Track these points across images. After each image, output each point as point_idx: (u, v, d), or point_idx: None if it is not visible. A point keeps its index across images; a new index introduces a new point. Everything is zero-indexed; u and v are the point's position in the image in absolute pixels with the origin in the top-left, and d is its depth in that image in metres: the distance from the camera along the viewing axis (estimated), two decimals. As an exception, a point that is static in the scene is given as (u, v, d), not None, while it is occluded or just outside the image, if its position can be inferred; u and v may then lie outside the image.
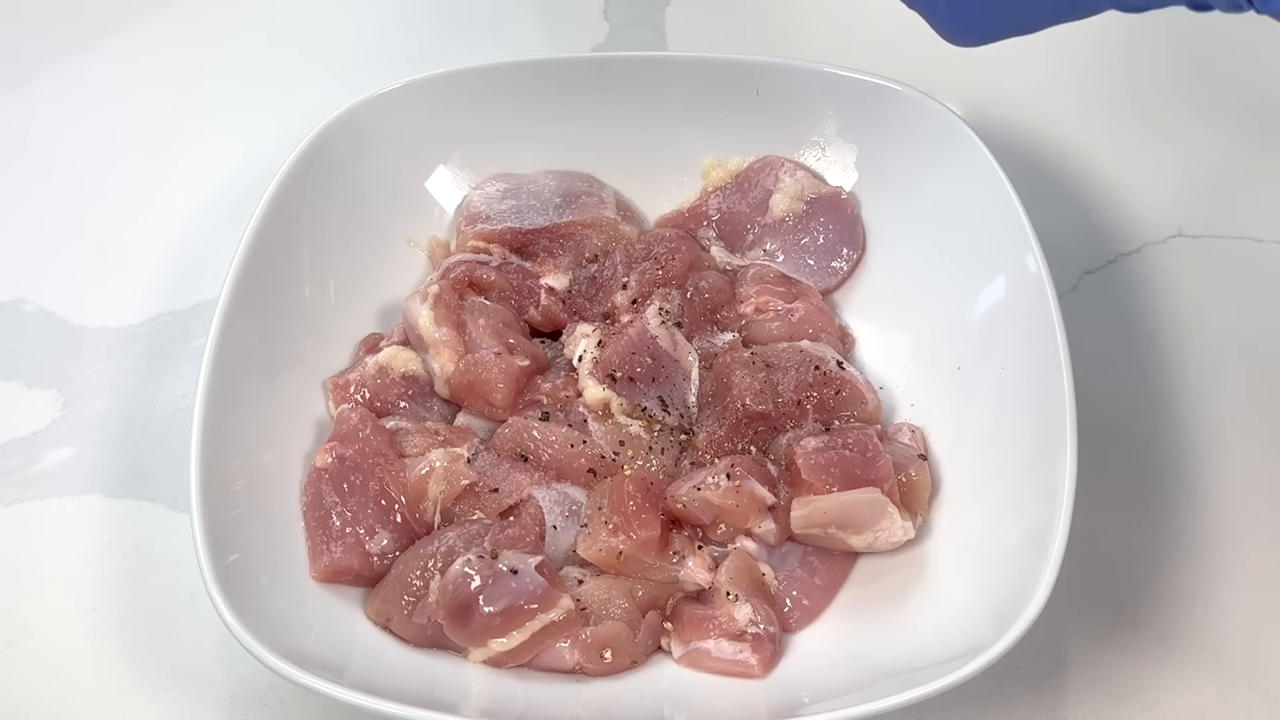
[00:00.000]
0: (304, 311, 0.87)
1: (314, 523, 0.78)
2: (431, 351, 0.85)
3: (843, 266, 0.93)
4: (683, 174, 0.98)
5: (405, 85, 0.93)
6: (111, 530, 0.86)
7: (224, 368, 0.78)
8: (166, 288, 1.00)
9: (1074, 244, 1.00)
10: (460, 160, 0.97)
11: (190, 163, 1.09)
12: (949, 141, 0.88)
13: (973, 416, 0.82)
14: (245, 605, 0.69)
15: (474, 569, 0.73)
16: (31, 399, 0.93)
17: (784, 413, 0.82)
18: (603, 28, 1.19)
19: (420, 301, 0.85)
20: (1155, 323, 0.96)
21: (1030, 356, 0.78)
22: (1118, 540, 0.84)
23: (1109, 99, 1.12)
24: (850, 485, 0.76)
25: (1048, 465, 0.72)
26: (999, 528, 0.75)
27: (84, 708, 0.78)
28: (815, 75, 0.93)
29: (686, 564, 0.77)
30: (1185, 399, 0.91)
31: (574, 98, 0.96)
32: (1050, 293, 0.78)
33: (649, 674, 0.74)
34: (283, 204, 0.86)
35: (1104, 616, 0.80)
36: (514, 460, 0.81)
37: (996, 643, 0.65)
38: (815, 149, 0.96)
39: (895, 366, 0.88)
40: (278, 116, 1.11)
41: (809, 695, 0.71)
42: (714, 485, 0.77)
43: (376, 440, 0.80)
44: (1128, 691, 0.77)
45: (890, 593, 0.77)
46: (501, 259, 0.91)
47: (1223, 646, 0.79)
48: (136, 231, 1.04)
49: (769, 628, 0.74)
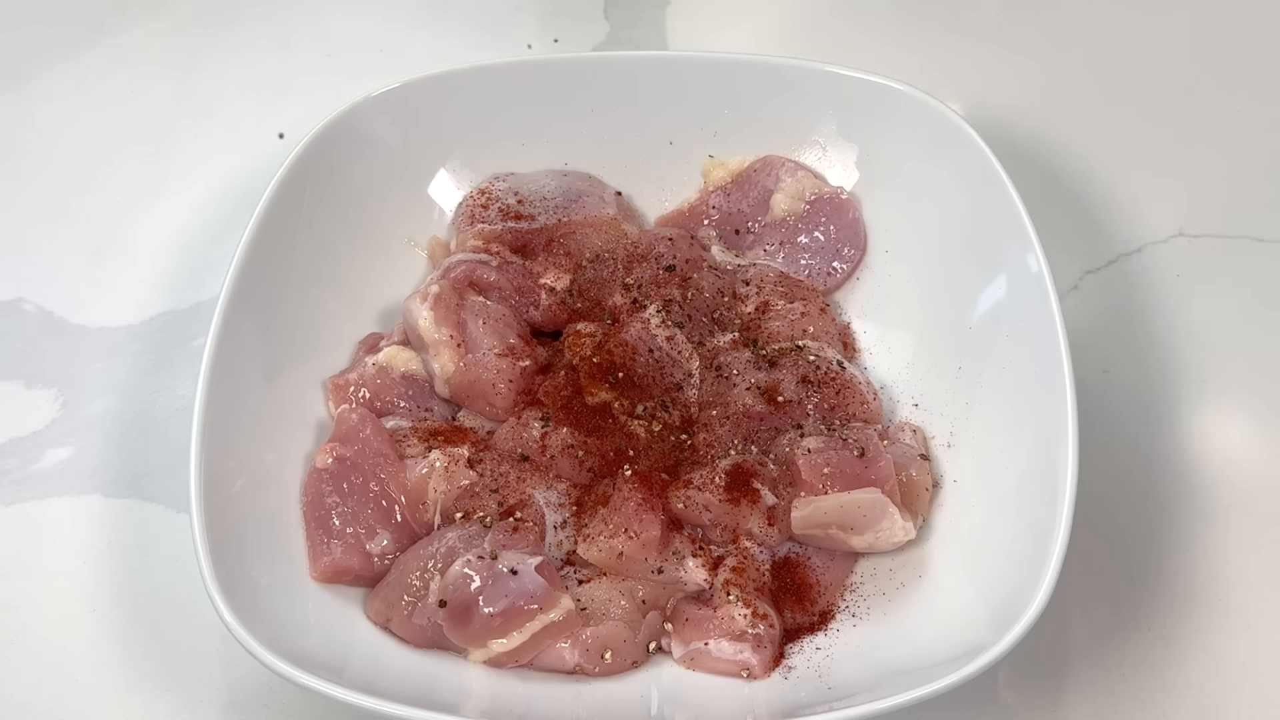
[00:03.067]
0: (304, 311, 0.87)
1: (314, 523, 0.78)
2: (431, 351, 0.85)
3: (843, 266, 0.93)
4: (683, 174, 0.98)
5: (405, 85, 0.93)
6: (111, 530, 0.86)
7: (224, 368, 0.78)
8: (166, 288, 1.00)
9: (1074, 244, 1.00)
10: (460, 160, 0.97)
11: (190, 163, 1.09)
12: (949, 141, 0.88)
13: (973, 416, 0.82)
14: (245, 605, 0.69)
15: (474, 569, 0.73)
16: (31, 399, 0.93)
17: (784, 413, 0.82)
18: (603, 27, 1.19)
19: (420, 301, 0.85)
20: (1155, 323, 0.96)
21: (1031, 356, 0.78)
22: (1118, 540, 0.84)
23: (1109, 99, 1.12)
24: (851, 485, 0.76)
25: (1048, 465, 0.72)
26: (999, 528, 0.75)
27: (84, 708, 0.78)
28: (815, 75, 0.93)
29: (686, 564, 0.77)
30: (1185, 399, 0.91)
31: (574, 98, 0.96)
32: (1051, 293, 0.78)
33: (649, 674, 0.74)
34: (282, 204, 0.86)
35: (1104, 617, 0.80)
36: (514, 460, 0.81)
37: (997, 643, 0.65)
38: (815, 149, 0.96)
39: (896, 366, 0.88)
40: (278, 116, 1.11)
41: (809, 695, 0.71)
42: (714, 486, 0.77)
43: (376, 440, 0.80)
44: (1128, 691, 0.77)
45: (890, 593, 0.77)
46: (501, 259, 0.91)
47: (1223, 647, 0.79)
48: (136, 231, 1.04)
49: (769, 628, 0.74)
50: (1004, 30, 1.18)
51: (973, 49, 1.17)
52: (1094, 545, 0.82)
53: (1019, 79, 1.13)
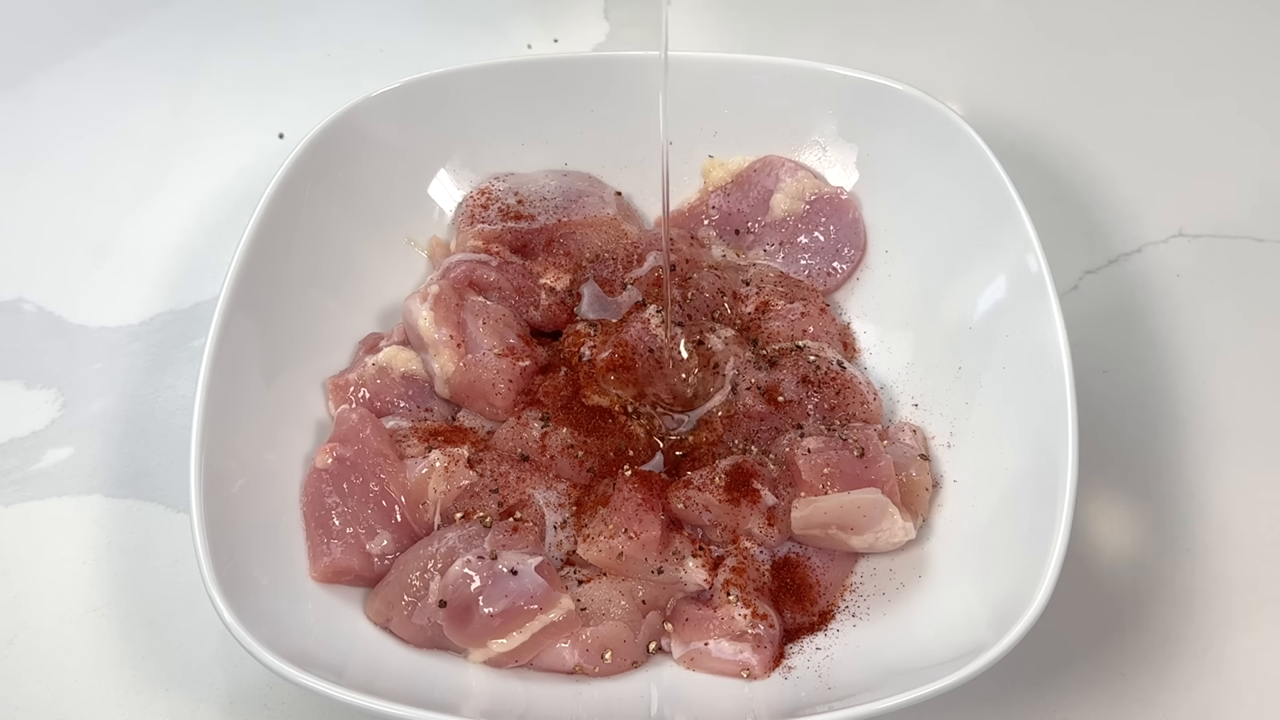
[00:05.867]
0: (304, 311, 0.87)
1: (314, 523, 0.78)
2: (431, 351, 0.85)
3: (843, 266, 0.93)
4: (683, 174, 0.98)
5: (405, 85, 0.93)
6: (111, 530, 0.86)
7: (224, 368, 0.78)
8: (166, 288, 1.00)
9: (1074, 244, 1.00)
10: (460, 160, 0.97)
11: (190, 163, 1.09)
12: (949, 141, 0.88)
13: (973, 416, 0.82)
14: (245, 605, 0.69)
15: (474, 569, 0.73)
16: (31, 399, 0.93)
17: (784, 413, 0.82)
18: (603, 27, 1.19)
19: (420, 301, 0.85)
20: (1155, 323, 0.96)
21: (1031, 356, 0.78)
22: (1118, 540, 0.84)
23: (1109, 99, 1.12)
24: (851, 486, 0.76)
25: (1048, 465, 0.72)
26: (999, 528, 0.75)
27: (84, 708, 0.78)
28: (815, 75, 0.93)
29: (686, 564, 0.77)
30: (1185, 399, 0.91)
31: (574, 98, 0.96)
32: (1051, 293, 0.78)
33: (649, 674, 0.74)
34: (282, 204, 0.86)
35: (1104, 616, 0.80)
36: (514, 460, 0.81)
37: (997, 643, 0.65)
38: (815, 149, 0.96)
39: (896, 366, 0.88)
40: (278, 116, 1.11)
41: (809, 695, 0.71)
42: (714, 486, 0.77)
43: (376, 440, 0.80)
44: (1128, 691, 0.77)
45: (890, 593, 0.77)
46: (501, 259, 0.91)
47: (1224, 647, 0.79)
48: (136, 231, 1.04)
49: (769, 628, 0.74)
50: (1004, 30, 1.18)
51: (973, 49, 1.17)
52: (1094, 545, 0.82)
53: (1019, 79, 1.13)
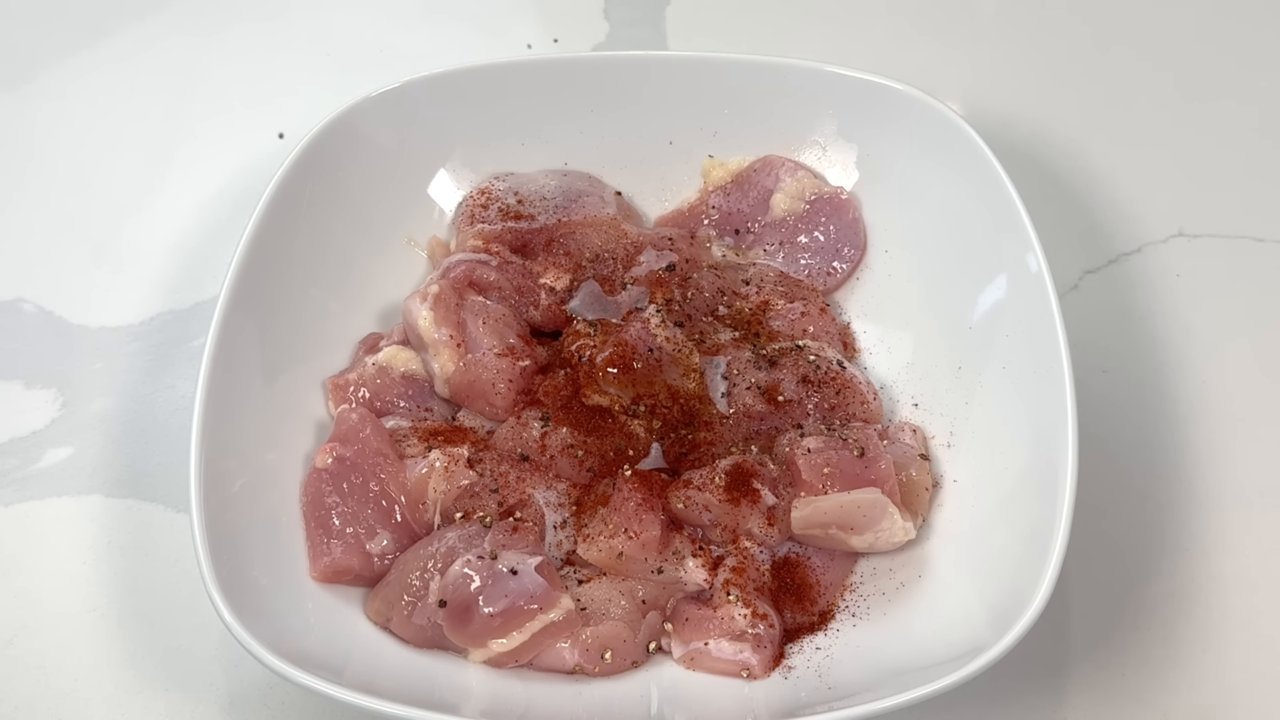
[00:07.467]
0: (304, 311, 0.87)
1: (314, 523, 0.78)
2: (431, 351, 0.85)
3: (843, 266, 0.93)
4: (683, 174, 0.98)
5: (405, 85, 0.93)
6: (111, 530, 0.86)
7: (224, 368, 0.78)
8: (166, 288, 1.00)
9: (1074, 244, 1.00)
10: (460, 160, 0.97)
11: (190, 163, 1.09)
12: (949, 141, 0.88)
13: (973, 416, 0.82)
14: (245, 605, 0.69)
15: (474, 569, 0.73)
16: (31, 399, 0.93)
17: (784, 412, 0.82)
18: (603, 27, 1.19)
19: (420, 301, 0.85)
20: (1155, 323, 0.96)
21: (1030, 356, 0.78)
22: (1118, 540, 0.84)
23: (1109, 99, 1.12)
24: (851, 485, 0.76)
25: (1048, 465, 0.72)
26: (999, 528, 0.75)
27: (84, 708, 0.78)
28: (815, 75, 0.93)
29: (686, 564, 0.77)
30: (1185, 399, 0.91)
31: (574, 98, 0.96)
32: (1051, 293, 0.78)
33: (649, 674, 0.74)
34: (282, 204, 0.86)
35: (1104, 617, 0.80)
36: (514, 460, 0.81)
37: (997, 643, 0.65)
38: (815, 149, 0.96)
39: (896, 366, 0.88)
40: (277, 116, 1.11)
41: (809, 695, 0.71)
42: (714, 486, 0.77)
43: (376, 440, 0.80)
44: (1128, 691, 0.77)
45: (890, 593, 0.77)
46: (501, 259, 0.91)
47: (1223, 646, 0.79)
48: (136, 231, 1.04)
49: (769, 628, 0.74)
50: (1004, 30, 1.18)
51: (973, 49, 1.17)
52: (1094, 545, 0.82)
53: (1019, 79, 1.13)
